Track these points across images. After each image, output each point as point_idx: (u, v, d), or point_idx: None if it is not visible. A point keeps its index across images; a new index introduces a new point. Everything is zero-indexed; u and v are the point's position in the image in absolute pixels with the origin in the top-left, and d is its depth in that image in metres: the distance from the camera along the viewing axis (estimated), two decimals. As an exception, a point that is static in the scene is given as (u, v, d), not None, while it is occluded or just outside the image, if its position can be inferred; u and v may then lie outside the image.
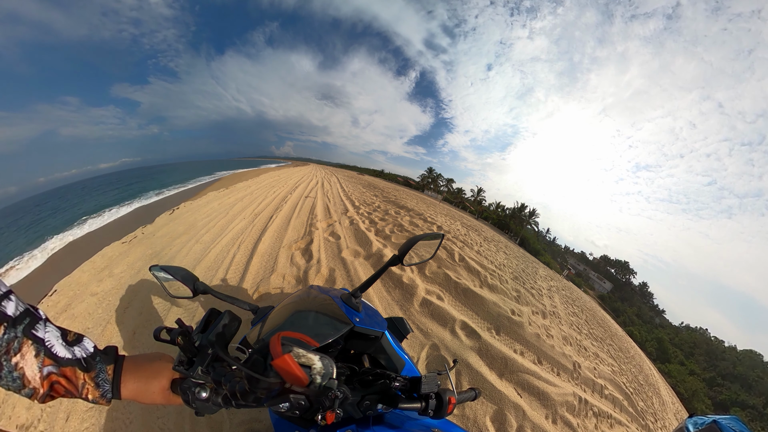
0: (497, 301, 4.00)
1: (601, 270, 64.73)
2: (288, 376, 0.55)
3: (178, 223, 6.54)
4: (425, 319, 3.22)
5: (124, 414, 1.93)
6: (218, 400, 0.60)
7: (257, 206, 8.56)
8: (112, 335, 2.77)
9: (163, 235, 5.68)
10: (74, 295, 3.52)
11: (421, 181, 70.89)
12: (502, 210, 62.46)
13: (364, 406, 0.72)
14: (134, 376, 0.59)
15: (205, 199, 10.47)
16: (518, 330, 3.49)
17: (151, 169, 67.51)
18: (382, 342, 1.05)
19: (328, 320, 0.93)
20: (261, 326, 0.98)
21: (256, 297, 3.32)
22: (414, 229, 7.49)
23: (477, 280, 4.84)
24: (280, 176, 20.67)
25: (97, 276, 3.99)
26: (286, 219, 6.87)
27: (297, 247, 4.90)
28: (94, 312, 3.18)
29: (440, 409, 0.71)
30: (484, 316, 3.61)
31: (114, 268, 4.15)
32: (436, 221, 10.34)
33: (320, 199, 10.30)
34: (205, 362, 0.59)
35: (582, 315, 8.20)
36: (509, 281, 5.84)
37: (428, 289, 3.83)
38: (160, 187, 19.62)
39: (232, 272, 3.90)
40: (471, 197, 66.30)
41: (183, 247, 4.89)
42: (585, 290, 35.73)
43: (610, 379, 3.88)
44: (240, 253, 4.53)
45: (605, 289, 58.63)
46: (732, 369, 38.32)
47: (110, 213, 14.10)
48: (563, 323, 5.32)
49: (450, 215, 17.39)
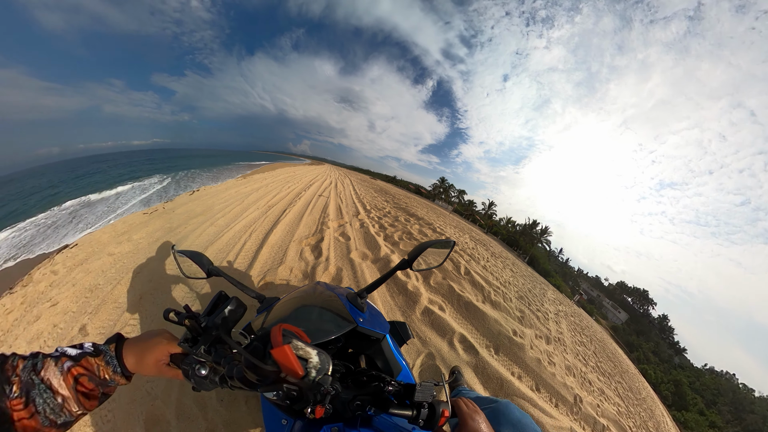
0: (499, 318, 3.93)
1: (617, 298, 60.28)
2: (285, 367, 0.57)
3: (197, 204, 6.84)
4: (425, 328, 3.22)
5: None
6: (215, 379, 0.63)
7: (272, 198, 8.78)
8: (119, 295, 2.91)
9: (182, 213, 5.96)
10: (92, 252, 3.78)
11: (432, 191, 70.42)
12: (512, 225, 60.62)
13: (354, 406, 0.72)
14: (132, 350, 0.65)
15: (224, 186, 10.86)
16: (518, 352, 3.40)
17: (180, 151, 75.59)
18: (381, 345, 1.06)
19: (332, 317, 0.95)
20: (266, 315, 1.01)
21: (261, 285, 3.42)
22: (423, 237, 7.48)
23: (480, 295, 4.78)
24: (295, 173, 21.05)
25: (116, 238, 4.26)
26: (298, 214, 7.03)
27: (307, 243, 5.01)
28: (108, 271, 3.39)
29: (431, 420, 0.68)
30: (484, 333, 3.55)
31: (133, 234, 4.43)
32: (446, 232, 10.28)
33: (333, 200, 10.46)
34: (208, 342, 0.63)
35: (590, 346, 7.68)
36: (513, 300, 5.72)
37: (431, 298, 3.83)
38: (187, 169, 21.79)
39: (241, 258, 4.04)
40: (482, 210, 65.21)
41: (198, 227, 5.11)
42: (597, 319, 32.96)
43: (614, 420, 3.67)
44: (251, 241, 4.67)
45: (620, 319, 54.31)
46: (761, 424, 33.61)
47: (139, 184, 15.48)
48: (568, 352, 5.08)
49: (459, 227, 17.21)
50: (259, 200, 8.17)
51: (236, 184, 11.71)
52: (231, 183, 12.15)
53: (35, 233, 9.40)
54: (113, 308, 2.79)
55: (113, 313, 2.73)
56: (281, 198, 9.07)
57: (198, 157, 45.49)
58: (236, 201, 7.72)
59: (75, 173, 25.29)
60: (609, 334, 25.51)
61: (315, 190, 12.22)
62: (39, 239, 8.51)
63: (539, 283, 13.55)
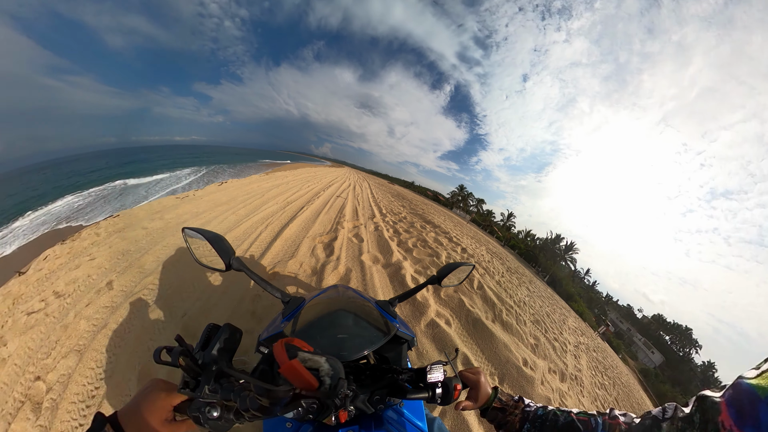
0: (509, 343, 3.65)
1: (652, 334, 50.08)
2: (297, 381, 0.55)
3: (222, 195, 7.30)
4: (426, 341, 3.08)
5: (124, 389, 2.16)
6: (230, 416, 0.57)
7: (291, 195, 9.04)
8: (145, 262, 3.29)
9: (209, 200, 6.48)
10: (130, 224, 4.44)
11: (450, 198, 68.66)
12: (531, 239, 56.32)
13: (374, 401, 0.75)
14: (130, 422, 0.54)
15: (248, 180, 11.41)
16: (526, 386, 3.06)
17: (213, 148, 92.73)
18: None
19: (372, 324, 0.96)
20: (295, 321, 0.96)
21: (269, 275, 3.51)
22: (438, 246, 7.30)
23: (491, 313, 4.53)
24: (316, 173, 21.60)
25: (151, 216, 4.86)
26: (315, 213, 7.16)
27: (320, 241, 5.06)
28: (141, 240, 3.90)
29: (447, 395, 0.74)
30: (490, 356, 3.28)
31: (165, 214, 4.97)
32: (461, 242, 9.99)
33: (350, 201, 10.57)
34: (211, 380, 0.57)
35: (612, 390, 6.67)
36: (528, 323, 5.35)
37: (439, 311, 3.69)
38: (218, 163, 25.74)
39: (255, 247, 4.20)
40: (500, 221, 62.31)
41: (221, 214, 5.53)
42: (624, 357, 27.18)
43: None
44: (266, 233, 4.84)
45: (652, 362, 44.67)
46: None
47: (176, 174, 18.57)
48: (585, 395, 4.52)
49: (476, 238, 16.67)
50: (278, 196, 8.44)
51: (259, 179, 12.24)
52: (254, 178, 12.75)
53: (91, 201, 12.24)
54: (137, 272, 3.11)
55: (136, 276, 3.04)
56: (300, 196, 9.32)
57: (228, 154, 53.38)
58: (257, 195, 8.04)
59: (127, 159, 31.48)
60: (637, 379, 22.02)
61: (333, 191, 12.45)
62: (90, 208, 11.01)
63: (559, 308, 12.71)
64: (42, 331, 2.35)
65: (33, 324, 2.40)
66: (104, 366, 2.04)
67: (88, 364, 2.05)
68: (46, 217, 10.74)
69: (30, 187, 17.60)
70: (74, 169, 23.96)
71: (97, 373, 2.00)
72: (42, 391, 1.89)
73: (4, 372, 2.02)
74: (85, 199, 12.69)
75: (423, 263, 5.29)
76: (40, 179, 20.59)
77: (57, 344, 2.21)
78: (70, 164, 28.98)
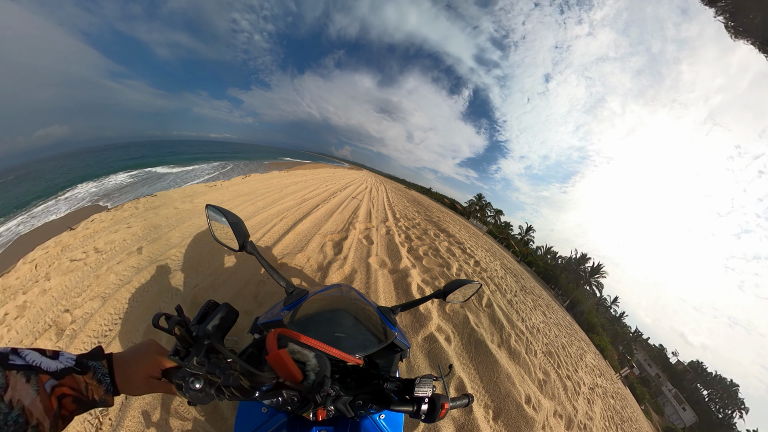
0: (513, 374, 3.26)
1: (686, 386, 39.50)
2: (282, 371, 0.57)
3: (245, 187, 7.74)
4: (420, 355, 2.90)
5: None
6: (211, 391, 0.59)
7: (307, 193, 9.26)
8: (172, 237, 3.73)
9: (233, 191, 7.05)
10: (164, 203, 5.06)
11: (468, 207, 66.36)
12: (552, 257, 51.05)
13: (356, 406, 0.73)
14: (121, 367, 0.57)
15: (269, 175, 11.89)
16: (524, 428, 2.66)
17: (243, 146, 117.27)
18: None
19: (372, 329, 0.95)
20: (294, 312, 0.99)
21: (276, 265, 3.57)
22: (450, 257, 7.07)
23: (498, 336, 4.21)
24: (334, 174, 21.99)
25: (182, 198, 5.48)
26: (329, 212, 7.24)
27: (331, 239, 5.09)
28: (171, 218, 4.38)
29: (432, 413, 0.70)
30: (488, 387, 2.93)
31: (195, 198, 5.55)
32: (475, 255, 9.61)
33: (365, 203, 10.61)
34: (201, 353, 0.59)
35: None
36: (539, 354, 4.89)
37: (441, 325, 3.51)
38: (245, 159, 31.79)
39: (267, 238, 4.35)
40: (518, 234, 58.47)
41: (241, 204, 5.99)
42: (647, 410, 21.12)
43: None
44: (279, 225, 5.00)
45: (682, 421, 34.36)
46: None
47: (209, 165, 22.98)
48: None
49: (491, 251, 15.99)
50: (296, 192, 8.68)
51: (279, 175, 12.70)
52: (275, 174, 13.26)
53: (136, 180, 16.01)
54: (164, 244, 3.51)
55: (163, 247, 3.43)
56: (317, 194, 9.51)
57: (255, 152, 61.95)
58: (276, 190, 8.34)
59: (170, 150, 38.51)
60: (660, 439, 17.69)
61: (350, 193, 12.57)
62: (133, 187, 14.25)
63: (578, 339, 11.71)
64: (78, 275, 2.78)
65: (73, 269, 2.86)
66: (121, 314, 2.34)
67: (108, 310, 2.36)
68: (97, 189, 14.31)
69: (89, 163, 24.00)
70: (126, 153, 31.17)
71: (113, 319, 2.30)
72: (67, 321, 2.24)
73: (43, 300, 2.45)
74: (132, 178, 16.45)
75: (432, 273, 5.12)
76: (97, 158, 27.95)
77: (88, 288, 2.60)
78: (123, 149, 38.07)
